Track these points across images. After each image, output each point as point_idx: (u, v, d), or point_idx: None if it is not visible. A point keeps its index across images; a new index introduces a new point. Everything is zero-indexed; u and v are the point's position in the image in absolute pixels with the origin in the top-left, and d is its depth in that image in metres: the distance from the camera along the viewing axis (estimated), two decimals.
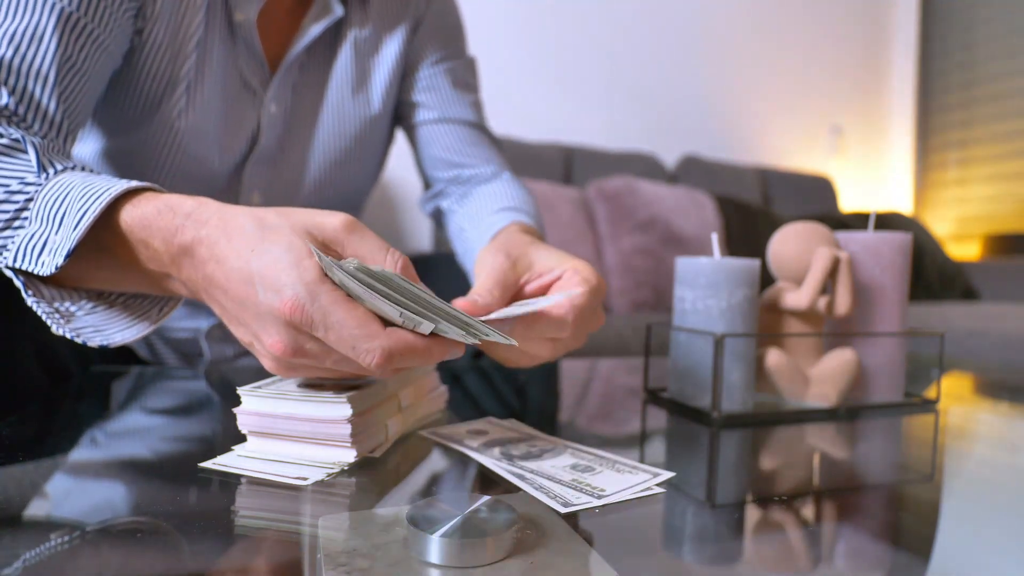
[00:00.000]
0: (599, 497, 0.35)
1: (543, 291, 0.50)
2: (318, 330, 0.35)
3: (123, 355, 0.80)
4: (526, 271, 0.51)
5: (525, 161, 2.15)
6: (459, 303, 0.44)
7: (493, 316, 0.42)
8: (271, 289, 0.36)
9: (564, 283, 0.49)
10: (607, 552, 0.30)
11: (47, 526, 0.32)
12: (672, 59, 2.66)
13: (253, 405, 0.41)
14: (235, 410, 0.41)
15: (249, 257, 0.37)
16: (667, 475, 0.39)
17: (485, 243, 0.66)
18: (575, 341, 0.48)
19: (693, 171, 2.47)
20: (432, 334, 0.37)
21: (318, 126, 0.76)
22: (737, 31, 2.79)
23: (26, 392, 0.60)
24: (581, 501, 0.34)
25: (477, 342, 0.37)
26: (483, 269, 0.50)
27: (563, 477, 0.38)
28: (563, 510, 0.33)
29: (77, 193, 0.43)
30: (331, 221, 0.39)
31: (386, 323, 0.36)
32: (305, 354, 0.37)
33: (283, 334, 0.36)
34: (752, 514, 0.37)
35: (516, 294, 0.50)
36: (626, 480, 0.38)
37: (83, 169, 0.49)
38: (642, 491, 0.37)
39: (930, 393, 0.67)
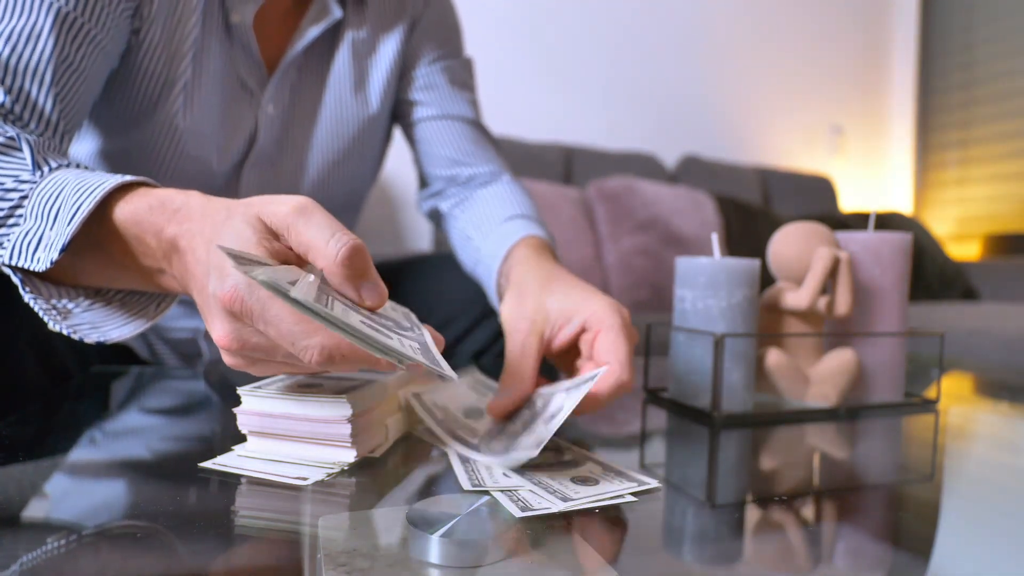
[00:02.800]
0: (565, 500, 0.34)
1: (566, 348, 0.51)
2: (258, 323, 0.34)
3: (123, 355, 0.80)
4: (544, 326, 0.51)
5: (525, 161, 2.15)
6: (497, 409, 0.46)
7: (548, 408, 0.42)
8: (219, 278, 0.35)
9: (593, 341, 0.49)
10: (607, 552, 0.30)
11: (46, 526, 0.32)
12: (672, 59, 2.65)
13: (253, 405, 0.41)
14: (235, 410, 0.41)
15: (210, 246, 0.37)
16: (651, 483, 0.37)
17: (499, 259, 0.67)
18: None
19: (693, 171, 2.46)
20: None
21: (316, 127, 0.76)
22: (737, 31, 2.79)
23: (26, 392, 0.60)
24: (542, 506, 0.33)
25: (401, 365, 0.34)
26: (509, 342, 0.50)
27: (539, 479, 0.37)
28: (520, 514, 0.32)
29: (71, 189, 0.43)
30: (281, 207, 0.38)
31: None
32: (252, 347, 0.36)
33: (226, 325, 0.35)
34: (752, 514, 0.36)
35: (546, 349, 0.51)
36: (605, 487, 0.37)
37: (78, 166, 0.49)
38: (612, 499, 0.35)
39: (930, 393, 0.67)
